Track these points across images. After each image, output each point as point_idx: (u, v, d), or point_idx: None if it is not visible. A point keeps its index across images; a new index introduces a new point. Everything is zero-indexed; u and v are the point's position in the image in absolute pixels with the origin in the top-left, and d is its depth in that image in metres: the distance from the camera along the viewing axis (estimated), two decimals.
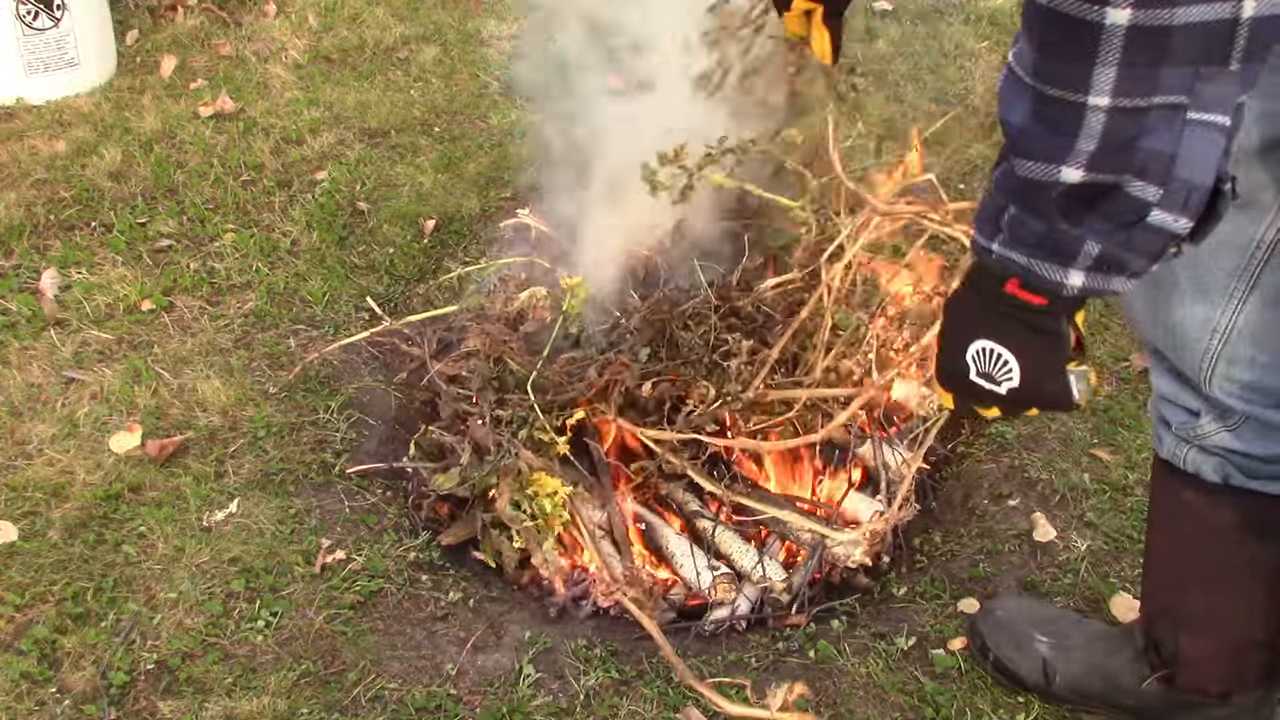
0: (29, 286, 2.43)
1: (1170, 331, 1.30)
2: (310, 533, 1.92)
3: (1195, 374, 1.30)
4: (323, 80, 3.26)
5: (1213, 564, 1.43)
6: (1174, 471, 1.40)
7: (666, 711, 1.65)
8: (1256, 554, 1.39)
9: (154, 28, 3.48)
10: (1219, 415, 1.31)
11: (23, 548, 1.87)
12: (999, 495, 2.05)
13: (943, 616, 1.81)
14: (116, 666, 1.69)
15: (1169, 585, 1.52)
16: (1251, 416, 1.29)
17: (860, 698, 1.68)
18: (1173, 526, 1.47)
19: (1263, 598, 1.42)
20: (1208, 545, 1.42)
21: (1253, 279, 1.22)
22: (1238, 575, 1.42)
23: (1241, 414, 1.29)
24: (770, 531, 1.99)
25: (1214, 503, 1.37)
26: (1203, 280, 1.25)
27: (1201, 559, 1.44)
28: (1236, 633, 1.47)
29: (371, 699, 1.66)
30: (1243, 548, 1.39)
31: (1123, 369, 2.34)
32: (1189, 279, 1.26)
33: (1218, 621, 1.47)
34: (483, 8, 3.69)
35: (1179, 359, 1.32)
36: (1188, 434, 1.36)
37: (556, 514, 1.85)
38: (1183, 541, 1.46)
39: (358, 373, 2.27)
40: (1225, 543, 1.40)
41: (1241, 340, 1.25)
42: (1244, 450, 1.32)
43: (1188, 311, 1.27)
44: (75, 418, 2.11)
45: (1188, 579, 1.48)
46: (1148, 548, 1.57)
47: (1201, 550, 1.44)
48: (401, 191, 2.79)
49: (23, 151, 2.84)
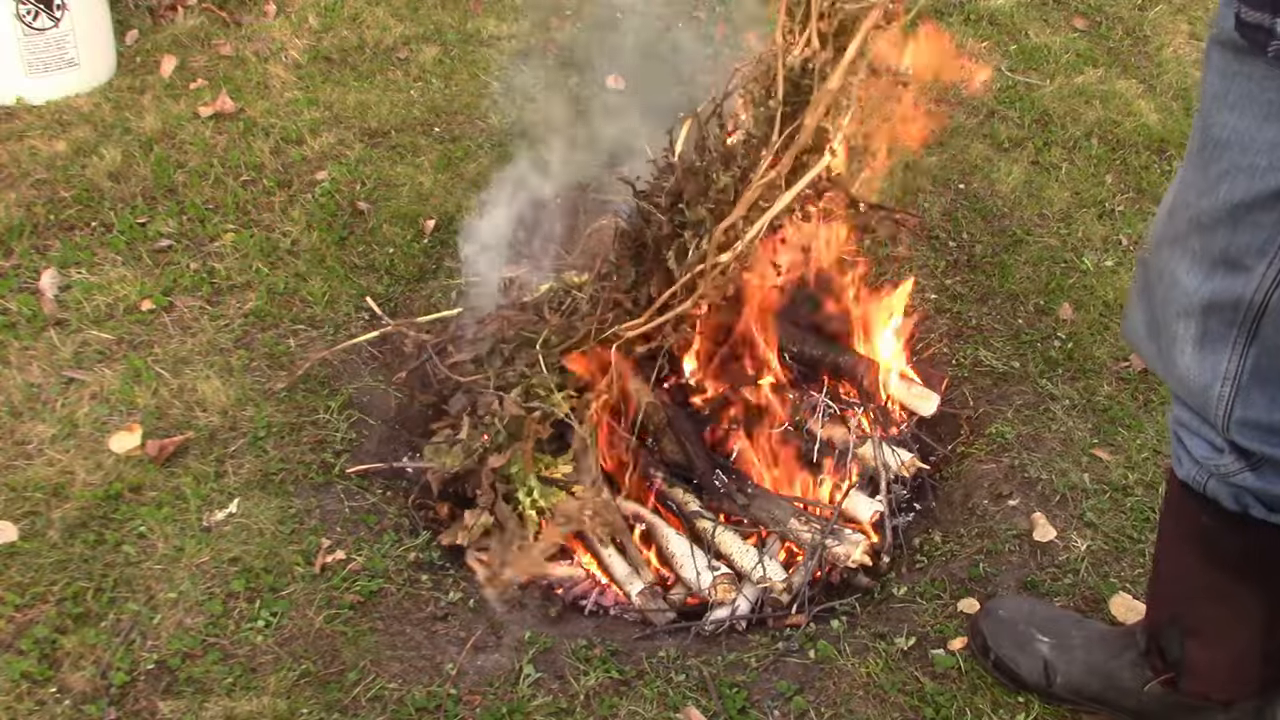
0: (29, 286, 2.43)
1: (1181, 381, 1.29)
2: (310, 533, 1.92)
3: (1213, 420, 1.28)
4: (323, 80, 3.26)
5: (1225, 583, 1.43)
6: (1192, 494, 1.39)
7: (666, 711, 1.65)
8: (1270, 576, 1.39)
9: (154, 28, 3.48)
10: (1241, 455, 1.30)
11: (23, 548, 1.87)
12: (999, 495, 2.05)
13: (943, 616, 1.81)
14: (116, 666, 1.69)
15: (1178, 597, 1.51)
16: (1273, 459, 1.28)
17: (860, 698, 1.68)
18: (1187, 545, 1.46)
19: (1272, 613, 1.42)
20: (1221, 565, 1.42)
21: (1250, 331, 1.21)
22: (1249, 593, 1.42)
23: (1263, 456, 1.28)
24: (770, 532, 1.99)
25: (1231, 530, 1.37)
26: (1202, 333, 1.24)
27: (1214, 577, 1.44)
28: (1244, 645, 1.47)
29: (371, 699, 1.66)
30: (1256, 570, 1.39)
31: (1123, 369, 2.34)
32: (1187, 331, 1.25)
33: (1225, 633, 1.47)
34: (483, 8, 3.69)
35: (1196, 405, 1.31)
36: (1210, 468, 1.34)
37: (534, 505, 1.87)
38: (1196, 560, 1.45)
39: (358, 373, 2.27)
40: (1239, 565, 1.40)
41: (1254, 385, 1.24)
42: (1265, 488, 1.31)
43: (1191, 361, 1.26)
44: (75, 418, 2.11)
45: (1198, 593, 1.48)
46: (1158, 558, 1.56)
47: (1215, 569, 1.43)
48: (401, 191, 2.79)
49: (23, 151, 2.84)
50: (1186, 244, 1.24)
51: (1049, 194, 2.88)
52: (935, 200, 2.83)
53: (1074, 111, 3.23)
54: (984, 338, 2.42)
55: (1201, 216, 1.21)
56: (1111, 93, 3.32)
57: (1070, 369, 2.34)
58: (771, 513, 1.96)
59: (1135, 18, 3.77)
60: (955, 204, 2.83)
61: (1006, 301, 2.53)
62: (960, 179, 2.92)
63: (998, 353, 2.38)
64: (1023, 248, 2.69)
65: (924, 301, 2.51)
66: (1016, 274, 2.60)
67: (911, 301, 2.42)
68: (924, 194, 2.85)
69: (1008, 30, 3.64)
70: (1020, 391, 2.28)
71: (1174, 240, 1.26)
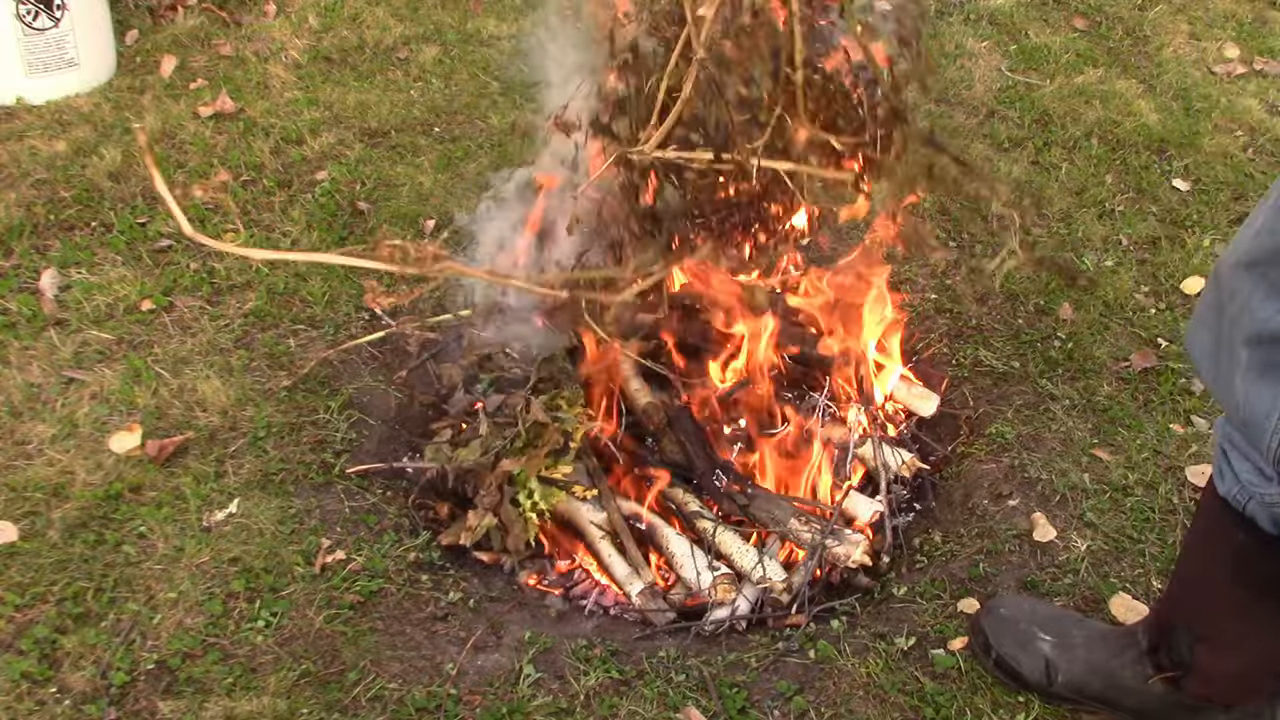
0: (29, 286, 2.43)
1: (1237, 407, 1.28)
2: (310, 533, 1.92)
3: (1262, 450, 1.27)
4: (323, 80, 3.26)
5: (1249, 600, 1.42)
6: (1230, 510, 1.38)
7: (666, 711, 1.65)
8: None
9: (154, 28, 3.48)
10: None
11: (23, 548, 1.87)
12: (999, 495, 2.05)
13: (943, 616, 1.81)
14: (116, 666, 1.68)
15: (1197, 606, 1.51)
16: None
17: (860, 698, 1.68)
18: (1217, 559, 1.46)
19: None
20: (1248, 584, 1.41)
21: None
22: (1270, 612, 1.42)
23: None
24: (770, 532, 1.99)
25: (1265, 552, 1.36)
26: (1265, 363, 1.22)
27: (1239, 594, 1.44)
28: (1254, 657, 1.47)
29: (371, 699, 1.66)
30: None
31: (1123, 369, 2.34)
32: (1253, 357, 1.23)
33: (1239, 645, 1.47)
34: (483, 7, 3.69)
35: (1246, 433, 1.29)
36: (1254, 491, 1.33)
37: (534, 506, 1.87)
38: (1223, 575, 1.45)
39: (358, 373, 2.27)
40: (1267, 585, 1.39)
41: None
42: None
43: (1250, 390, 1.24)
44: (75, 418, 2.11)
45: (1219, 606, 1.47)
46: (1181, 564, 1.55)
47: (1241, 587, 1.43)
48: (401, 191, 2.79)
49: (23, 151, 2.84)
50: (1264, 271, 1.21)
51: (1049, 194, 2.88)
52: (935, 200, 2.83)
53: (1074, 111, 3.23)
54: (984, 338, 2.42)
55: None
56: (1111, 93, 3.32)
57: (1070, 369, 2.34)
58: (771, 513, 1.96)
59: (1135, 18, 3.77)
60: (955, 204, 2.83)
61: (1006, 301, 2.53)
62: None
63: (998, 353, 2.38)
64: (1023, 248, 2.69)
65: (924, 301, 2.51)
66: (1016, 274, 2.60)
67: (898, 295, 2.42)
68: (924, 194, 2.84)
69: (1008, 30, 3.64)
70: (1020, 391, 2.28)
71: (1253, 264, 1.23)
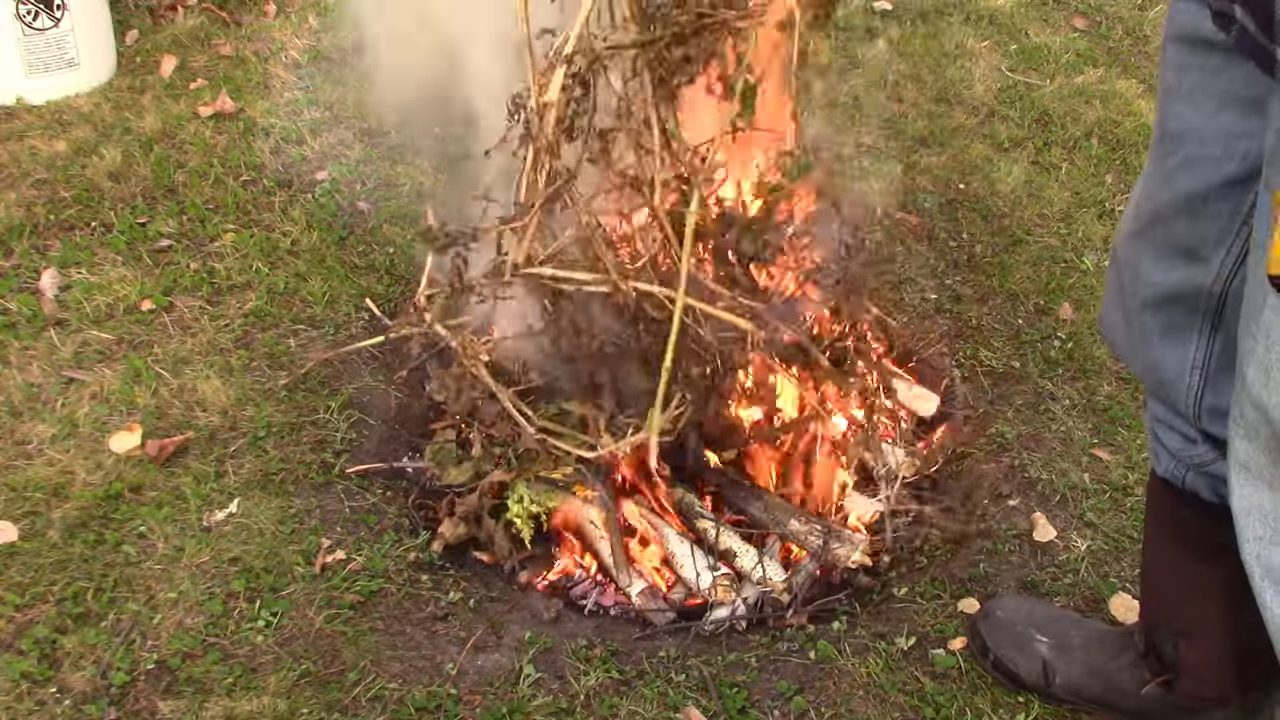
0: (29, 286, 2.43)
1: (1152, 372, 1.32)
2: (310, 533, 1.92)
3: (1185, 410, 1.30)
4: (323, 80, 3.26)
5: (1210, 579, 1.43)
6: (1171, 489, 1.40)
7: (666, 711, 1.65)
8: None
9: (154, 28, 3.47)
10: (1214, 443, 1.31)
11: (23, 548, 1.87)
12: (999, 495, 2.05)
13: (943, 616, 1.81)
14: (116, 666, 1.69)
15: (1166, 597, 1.52)
16: None
17: (860, 698, 1.68)
18: (1170, 542, 1.47)
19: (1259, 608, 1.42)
20: (1206, 562, 1.42)
21: (1214, 319, 1.23)
22: (1236, 590, 1.42)
23: None
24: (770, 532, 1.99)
25: (1212, 522, 1.37)
26: (1167, 324, 1.27)
27: (1199, 574, 1.44)
28: (1234, 643, 1.47)
29: (371, 699, 1.66)
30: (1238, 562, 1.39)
31: (1123, 369, 2.34)
32: (1155, 322, 1.28)
33: (1215, 632, 1.47)
34: None
35: (1167, 397, 1.32)
36: (1186, 460, 1.36)
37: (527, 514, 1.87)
38: (1181, 557, 1.46)
39: (358, 373, 2.27)
40: (1223, 560, 1.39)
41: (1222, 372, 1.25)
42: None
43: (1160, 355, 1.29)
44: (75, 418, 2.11)
45: (1186, 592, 1.48)
46: (1144, 559, 1.57)
47: (1199, 566, 1.43)
48: (402, 191, 2.79)
49: (23, 151, 2.84)
50: (1149, 237, 1.27)
51: (1049, 194, 2.88)
52: (935, 200, 2.83)
53: (1074, 111, 3.23)
54: (984, 338, 2.42)
55: (1161, 209, 1.24)
56: (1111, 93, 3.32)
57: (1070, 369, 2.34)
58: (772, 513, 1.96)
59: (1135, 18, 3.77)
60: (955, 204, 2.83)
61: (1006, 301, 2.53)
62: (960, 179, 2.92)
63: (998, 353, 2.38)
64: (1023, 248, 2.69)
65: (924, 301, 2.51)
66: (1016, 274, 2.60)
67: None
68: (924, 194, 2.85)
69: (1008, 30, 3.64)
70: (1020, 391, 2.28)
71: (1138, 233, 1.29)
